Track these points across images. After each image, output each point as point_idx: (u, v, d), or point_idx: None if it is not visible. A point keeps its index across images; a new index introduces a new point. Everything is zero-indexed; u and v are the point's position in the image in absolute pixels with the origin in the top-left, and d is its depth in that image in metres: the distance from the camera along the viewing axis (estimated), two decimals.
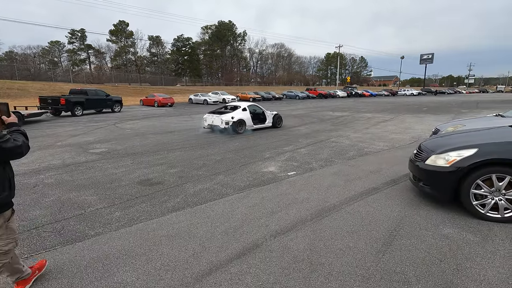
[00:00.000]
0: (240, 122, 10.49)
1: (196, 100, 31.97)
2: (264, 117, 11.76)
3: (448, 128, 6.26)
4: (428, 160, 3.58)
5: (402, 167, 5.75)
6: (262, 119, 11.70)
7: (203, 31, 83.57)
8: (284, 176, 5.31)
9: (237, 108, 11.05)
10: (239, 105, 11.29)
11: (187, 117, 17.41)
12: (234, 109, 11.03)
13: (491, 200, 3.12)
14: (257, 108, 11.77)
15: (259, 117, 11.65)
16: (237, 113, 10.61)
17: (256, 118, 11.50)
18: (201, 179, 5.11)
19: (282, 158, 6.72)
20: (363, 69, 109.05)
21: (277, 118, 12.17)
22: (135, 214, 3.63)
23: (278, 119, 12.26)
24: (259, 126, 11.45)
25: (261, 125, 11.55)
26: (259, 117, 11.65)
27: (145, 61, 78.59)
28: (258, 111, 11.72)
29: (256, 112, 11.64)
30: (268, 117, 11.85)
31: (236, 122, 10.31)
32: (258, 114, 11.67)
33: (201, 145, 8.43)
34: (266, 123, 11.71)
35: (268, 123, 11.77)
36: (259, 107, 11.87)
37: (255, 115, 11.49)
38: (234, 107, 11.23)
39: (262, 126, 11.61)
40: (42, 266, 2.45)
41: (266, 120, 11.76)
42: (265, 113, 11.77)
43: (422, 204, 3.74)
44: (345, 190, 4.44)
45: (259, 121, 11.54)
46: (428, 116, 16.55)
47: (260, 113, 11.72)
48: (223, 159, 6.64)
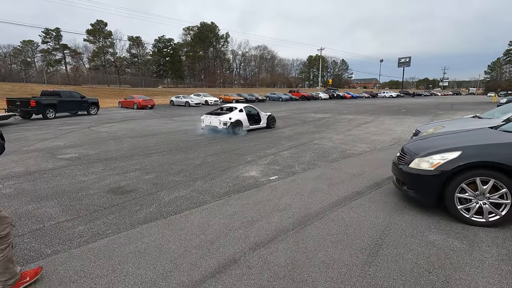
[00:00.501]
0: (237, 123, 10.67)
1: (177, 102, 31.31)
2: (259, 118, 11.96)
3: (428, 129, 6.28)
4: (412, 163, 3.47)
5: (384, 169, 5.69)
6: (257, 120, 11.88)
7: (185, 32, 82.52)
8: (266, 181, 5.09)
9: (233, 109, 11.22)
10: (235, 106, 11.47)
11: (168, 120, 16.90)
12: (230, 110, 11.18)
13: (476, 204, 3.04)
14: (252, 109, 11.90)
15: (254, 118, 11.81)
16: (234, 114, 10.78)
17: (252, 119, 11.64)
18: (178, 186, 4.81)
19: (264, 162, 6.51)
20: (344, 71, 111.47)
21: (271, 119, 12.45)
22: (101, 228, 3.28)
23: (272, 120, 12.55)
24: (254, 126, 11.65)
25: (256, 125, 11.74)
26: (254, 118, 11.81)
27: (125, 62, 76.44)
28: (253, 112, 11.87)
29: (251, 113, 11.76)
30: (263, 118, 12.07)
31: (233, 123, 10.49)
32: (253, 115, 11.83)
33: (180, 148, 8.08)
34: (261, 123, 11.94)
35: (262, 124, 12.01)
36: (254, 108, 12.02)
37: (251, 116, 11.62)
38: (230, 108, 11.40)
39: (257, 127, 11.82)
40: (37, 274, 2.33)
41: (261, 121, 11.97)
42: (260, 114, 11.98)
43: (406, 209, 3.63)
44: (329, 195, 4.29)
45: (254, 122, 11.73)
46: (407, 118, 16.93)
47: (255, 114, 11.89)
48: (203, 164, 6.35)
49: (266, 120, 12.20)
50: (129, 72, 78.46)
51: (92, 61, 70.98)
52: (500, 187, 2.93)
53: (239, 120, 10.79)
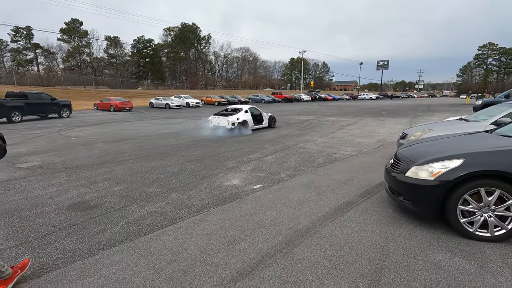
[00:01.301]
0: (244, 123, 11.30)
1: (157, 104, 30.29)
2: (262, 118, 12.53)
3: (416, 132, 6.10)
4: (409, 172, 3.17)
5: (373, 175, 5.42)
6: (259, 120, 12.42)
7: (165, 32, 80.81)
8: (249, 190, 4.67)
9: (238, 110, 11.89)
10: (241, 107, 12.10)
11: (146, 123, 16.11)
12: (235, 111, 11.84)
13: (480, 217, 2.77)
14: (255, 110, 12.45)
15: (257, 118, 12.30)
16: (241, 115, 11.44)
17: (255, 119, 12.14)
18: (151, 199, 4.28)
19: (247, 168, 6.09)
20: (326, 74, 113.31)
21: (271, 119, 13.08)
22: (51, 256, 2.73)
23: (273, 120, 13.18)
24: (258, 126, 12.22)
25: (259, 125, 12.33)
26: (257, 118, 12.30)
27: (102, 63, 73.74)
28: (256, 112, 12.39)
29: (255, 114, 12.29)
30: (265, 118, 12.69)
31: (241, 123, 11.15)
32: (256, 116, 12.34)
33: (157, 154, 7.50)
34: (263, 123, 12.56)
35: (265, 124, 12.64)
36: (257, 109, 12.58)
37: (254, 117, 12.12)
38: (235, 109, 12.05)
39: (260, 127, 12.43)
40: (25, 266, 2.41)
41: (263, 121, 12.58)
42: (262, 115, 12.59)
43: (403, 221, 3.32)
44: (318, 206, 3.92)
45: (257, 122, 12.26)
46: (388, 120, 17.07)
47: (258, 114, 12.42)
48: (181, 171, 5.84)
49: (268, 120, 12.82)
50: (107, 73, 75.75)
51: (67, 61, 67.90)
52: (506, 198, 2.67)
53: (245, 120, 11.39)
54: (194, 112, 25.40)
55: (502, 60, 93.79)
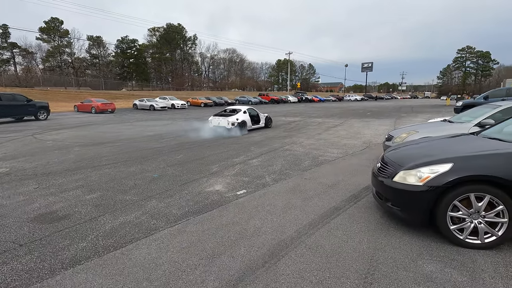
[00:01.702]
0: (243, 123, 11.73)
1: (141, 106, 29.55)
2: (259, 118, 13.03)
3: (401, 134, 6.06)
4: (397, 176, 3.04)
5: (360, 178, 5.32)
6: (257, 120, 12.92)
7: (150, 33, 79.38)
8: (232, 196, 4.45)
9: (237, 111, 12.31)
10: (239, 108, 12.53)
11: (129, 125, 15.60)
12: (234, 112, 12.28)
13: (470, 224, 2.66)
14: (253, 111, 12.93)
15: (254, 119, 12.76)
16: (241, 115, 11.87)
17: (253, 119, 12.60)
18: (126, 208, 3.99)
19: (231, 172, 5.87)
20: (312, 75, 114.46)
21: (268, 119, 13.65)
22: (4, 279, 2.42)
23: (269, 120, 13.76)
24: (255, 126, 12.75)
25: (256, 125, 12.88)
26: (254, 119, 12.76)
27: (85, 63, 71.59)
28: (254, 113, 12.87)
29: (252, 114, 12.75)
30: (262, 119, 13.21)
31: (240, 123, 11.57)
32: (254, 116, 12.80)
33: (137, 158, 7.16)
34: (260, 123, 13.10)
35: (261, 124, 13.20)
36: (255, 110, 13.07)
37: (252, 117, 12.58)
38: (234, 110, 12.50)
39: (257, 126, 12.99)
40: None
41: (260, 121, 13.10)
42: (259, 115, 13.10)
43: (391, 228, 3.19)
44: (304, 212, 3.75)
45: (255, 122, 12.73)
46: (373, 121, 17.24)
47: (255, 115, 12.90)
48: (161, 177, 5.55)
49: (265, 120, 13.38)
50: (90, 74, 73.63)
51: (47, 62, 65.55)
52: (497, 203, 2.57)
53: (244, 120, 11.83)
54: (179, 113, 24.92)
55: (479, 63, 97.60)
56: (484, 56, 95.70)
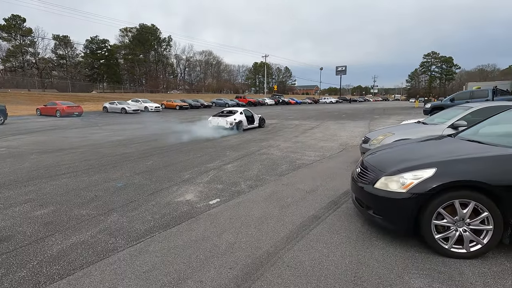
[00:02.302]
0: (240, 123, 12.93)
1: (112, 109, 28.16)
2: (253, 119, 14.20)
3: (378, 136, 6.01)
4: (378, 183, 2.85)
5: (338, 182, 5.16)
6: (251, 120, 14.06)
7: (122, 33, 76.56)
8: (204, 206, 4.09)
9: (234, 112, 13.57)
10: (236, 109, 13.80)
11: (96, 129, 14.65)
12: (231, 113, 13.49)
13: (455, 232, 2.52)
14: (248, 112, 14.13)
15: (249, 119, 13.92)
16: (238, 116, 13.11)
17: (248, 120, 13.76)
18: (82, 224, 3.51)
19: (205, 179, 5.49)
20: (288, 78, 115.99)
21: (261, 120, 14.95)
22: None
23: (262, 120, 15.10)
24: (250, 126, 13.93)
25: (251, 125, 14.04)
26: (249, 119, 13.92)
27: (50, 64, 67.48)
28: (249, 114, 14.05)
29: (247, 115, 13.89)
30: (256, 119, 14.36)
31: (237, 123, 12.81)
32: (249, 117, 13.94)
33: (102, 166, 6.57)
34: (254, 123, 14.27)
35: (256, 124, 14.37)
36: (250, 111, 14.28)
37: (247, 117, 13.76)
38: (231, 111, 13.74)
39: (252, 126, 14.16)
40: None
41: (255, 121, 14.28)
42: (254, 116, 14.26)
43: (373, 238, 3.00)
44: (281, 223, 3.48)
45: (250, 122, 13.89)
46: (348, 123, 17.51)
47: (250, 115, 14.07)
48: (127, 186, 5.06)
49: (258, 121, 14.57)
50: (56, 75, 69.51)
51: (7, 62, 61.05)
52: (481, 210, 2.45)
53: (241, 120, 13.07)
54: (153, 116, 23.98)
55: (443, 67, 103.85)
56: (447, 61, 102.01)
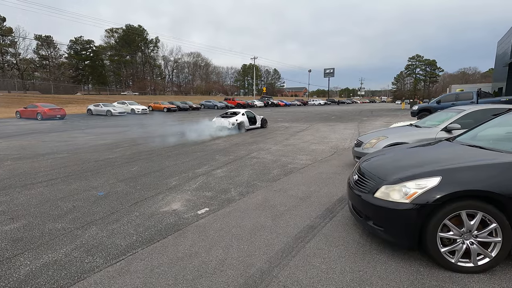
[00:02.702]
0: (241, 123, 13.84)
1: (97, 111, 27.34)
2: (255, 120, 15.05)
3: (371, 140, 5.88)
4: (378, 192, 2.67)
5: (332, 188, 4.99)
6: (253, 121, 14.93)
7: (108, 34, 75.01)
8: (192, 217, 3.82)
9: (236, 113, 14.52)
10: (238, 111, 14.73)
11: (79, 133, 14.08)
12: (234, 114, 14.41)
13: (462, 245, 2.36)
14: (250, 113, 15.01)
15: (252, 120, 14.79)
16: (239, 117, 14.04)
17: (250, 120, 14.65)
18: (56, 240, 3.18)
19: (193, 186, 5.21)
20: (277, 80, 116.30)
21: (263, 121, 15.80)
22: None
23: (264, 121, 15.91)
24: (252, 126, 14.77)
25: (253, 126, 14.91)
26: (252, 120, 14.79)
27: (32, 65, 65.24)
28: (251, 115, 14.92)
29: (250, 116, 14.77)
30: (258, 120, 15.25)
31: (239, 123, 13.73)
32: (251, 118, 14.80)
33: (83, 173, 6.19)
34: (257, 124, 15.16)
35: (258, 125, 15.24)
36: (252, 113, 15.19)
37: (249, 119, 14.61)
38: (234, 113, 14.65)
39: (254, 127, 15.03)
40: None
41: (257, 122, 15.16)
42: (256, 117, 15.15)
43: (373, 250, 2.81)
44: (275, 234, 3.25)
45: (252, 123, 14.77)
46: (338, 125, 17.52)
47: (252, 117, 14.90)
48: (109, 195, 4.73)
49: (260, 122, 15.45)
50: (38, 76, 67.22)
51: None
52: (489, 221, 2.30)
53: (242, 121, 13.93)
54: (139, 119, 23.38)
55: (427, 70, 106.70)
56: (431, 64, 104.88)
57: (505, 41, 34.20)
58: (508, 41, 31.83)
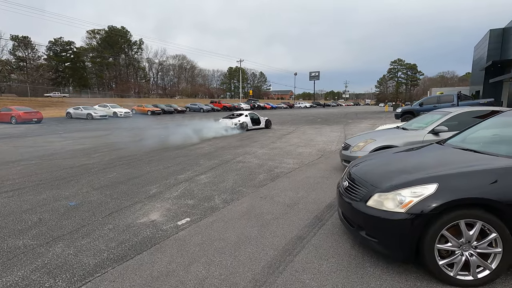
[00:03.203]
0: (243, 124, 15.14)
1: (76, 115, 26.31)
2: (259, 121, 16.28)
3: (359, 143, 5.76)
4: (371, 200, 2.49)
5: (320, 193, 4.81)
6: (257, 122, 16.17)
7: (89, 35, 72.93)
8: (172, 229, 3.52)
9: (240, 114, 15.90)
10: (242, 113, 16.22)
11: (56, 137, 13.38)
12: (239, 115, 15.78)
13: (461, 257, 2.19)
14: (254, 115, 16.35)
15: (255, 121, 16.02)
16: (242, 118, 15.36)
17: (254, 121, 15.90)
18: (14, 260, 2.81)
19: (174, 194, 4.90)
20: (263, 83, 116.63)
21: (267, 122, 16.96)
22: None
23: (268, 122, 17.07)
24: (255, 127, 15.98)
25: (257, 126, 16.10)
26: (255, 121, 16.02)
27: (8, 66, 62.41)
28: (255, 117, 16.20)
29: (254, 117, 16.05)
30: (262, 121, 16.44)
31: (241, 124, 15.03)
32: (255, 119, 16.05)
33: (55, 180, 5.74)
34: (260, 125, 16.33)
35: (262, 125, 16.44)
36: (256, 114, 16.54)
37: (253, 119, 15.90)
38: (239, 114, 16.03)
39: (258, 127, 16.19)
40: None
41: (261, 123, 16.35)
42: (260, 119, 16.38)
43: (367, 264, 2.62)
44: (261, 247, 3.01)
45: (255, 123, 15.99)
46: (324, 127, 17.54)
47: (256, 118, 16.18)
48: (81, 205, 4.35)
49: (265, 123, 16.60)
50: (15, 78, 64.33)
51: None
52: (488, 231, 2.15)
53: (245, 122, 15.25)
54: (121, 122, 22.66)
55: (408, 73, 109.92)
56: (412, 68, 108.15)
57: (481, 46, 35.67)
58: (484, 46, 33.21)
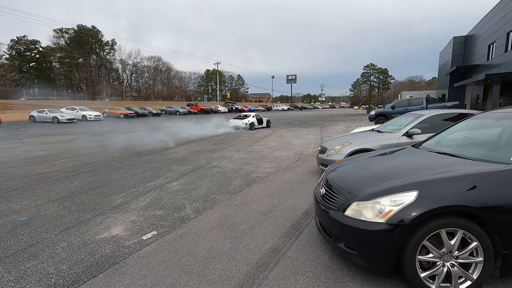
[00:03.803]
0: (252, 124, 17.82)
1: (41, 118, 24.61)
2: (262, 121, 18.92)
3: (335, 146, 5.69)
4: (349, 209, 2.33)
5: (297, 199, 4.64)
6: (261, 122, 18.80)
7: (57, 34, 69.21)
8: (135, 244, 3.18)
9: (248, 115, 18.71)
10: (249, 114, 19.06)
11: (15, 142, 12.32)
12: (246, 116, 18.55)
13: (443, 268, 2.07)
14: (258, 116, 18.90)
15: (260, 121, 18.69)
16: (251, 119, 18.04)
17: (259, 122, 18.55)
18: None
19: (141, 204, 4.52)
20: (241, 86, 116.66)
21: (268, 121, 19.66)
22: None
23: (268, 122, 19.79)
24: (259, 126, 18.62)
25: (261, 125, 18.78)
26: (260, 121, 18.69)
27: None
28: (259, 117, 18.82)
29: (258, 118, 18.64)
30: (264, 121, 19.11)
31: (251, 123, 17.72)
32: (259, 119, 18.66)
33: (6, 192, 5.13)
34: (263, 124, 19.03)
35: (264, 124, 19.12)
36: (260, 115, 19.20)
37: (258, 120, 18.55)
38: (246, 115, 18.87)
39: (261, 126, 18.81)
40: None
41: (263, 123, 19.03)
42: (262, 119, 19.00)
43: (346, 277, 2.45)
44: (233, 263, 2.76)
45: (259, 123, 18.64)
46: (301, 130, 17.62)
47: (260, 118, 18.80)
48: (33, 220, 3.86)
49: (266, 122, 19.28)
50: None
51: None
52: (469, 239, 2.05)
53: (253, 122, 17.98)
54: (91, 126, 21.47)
55: (380, 77, 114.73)
56: (384, 72, 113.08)
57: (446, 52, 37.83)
58: (449, 53, 35.27)
